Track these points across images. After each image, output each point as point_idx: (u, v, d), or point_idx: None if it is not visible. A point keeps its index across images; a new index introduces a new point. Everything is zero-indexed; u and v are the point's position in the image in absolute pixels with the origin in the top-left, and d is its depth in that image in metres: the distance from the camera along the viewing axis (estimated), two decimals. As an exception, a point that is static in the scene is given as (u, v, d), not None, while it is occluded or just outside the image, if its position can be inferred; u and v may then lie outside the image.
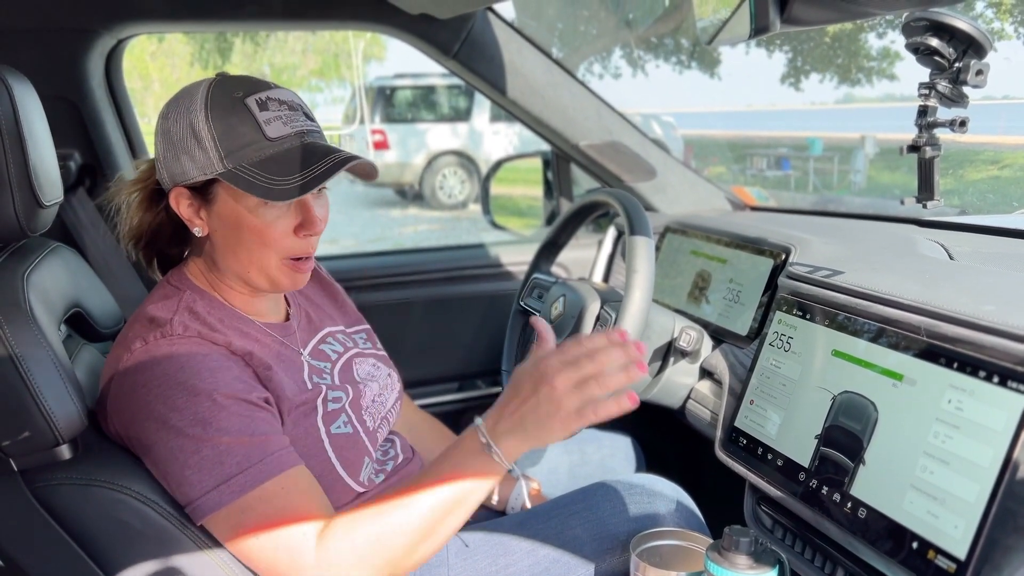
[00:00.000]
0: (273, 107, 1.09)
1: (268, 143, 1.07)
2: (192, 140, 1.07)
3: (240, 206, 1.09)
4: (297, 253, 1.13)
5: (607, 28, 11.81)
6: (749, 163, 11.08)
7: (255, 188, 1.05)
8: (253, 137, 1.07)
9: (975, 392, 0.92)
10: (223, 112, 1.07)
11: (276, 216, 1.10)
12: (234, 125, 1.07)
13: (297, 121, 1.10)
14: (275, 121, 1.08)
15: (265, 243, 1.11)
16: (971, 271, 1.22)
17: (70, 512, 1.04)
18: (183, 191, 1.11)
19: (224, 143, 1.06)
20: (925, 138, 1.04)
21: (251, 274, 1.14)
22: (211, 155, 1.07)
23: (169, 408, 1.02)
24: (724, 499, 1.40)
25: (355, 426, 1.20)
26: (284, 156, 1.07)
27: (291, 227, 1.12)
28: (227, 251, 1.13)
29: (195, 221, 1.13)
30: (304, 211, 1.12)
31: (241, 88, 1.09)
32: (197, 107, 1.07)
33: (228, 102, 1.07)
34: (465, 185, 11.02)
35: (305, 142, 1.10)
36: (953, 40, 0.98)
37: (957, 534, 0.88)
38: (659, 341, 1.47)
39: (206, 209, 1.12)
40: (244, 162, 1.06)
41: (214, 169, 1.07)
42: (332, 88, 18.41)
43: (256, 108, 1.08)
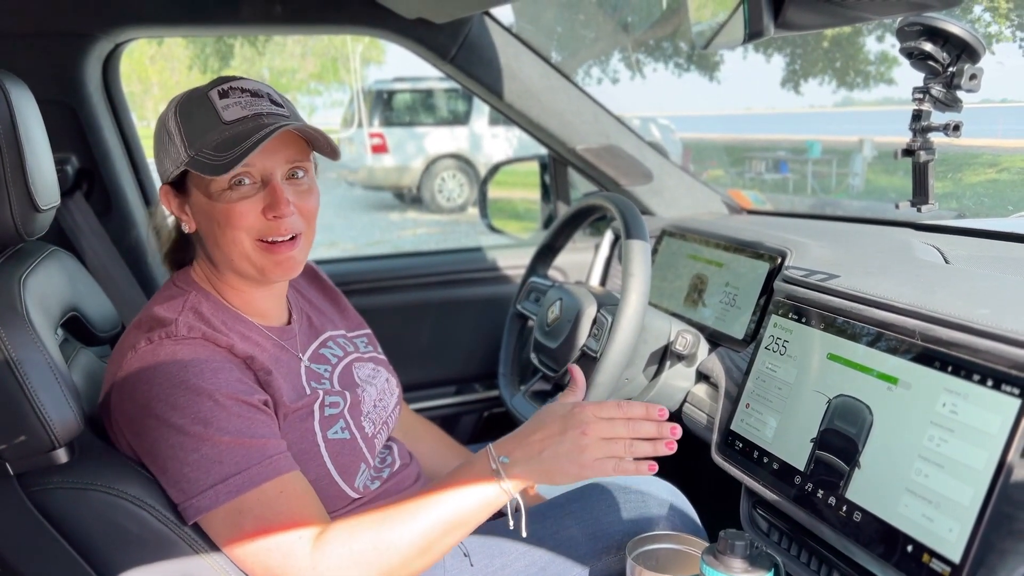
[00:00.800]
0: (234, 95, 1.13)
1: (224, 126, 1.10)
2: (166, 137, 1.13)
3: (208, 193, 1.12)
4: (267, 234, 1.13)
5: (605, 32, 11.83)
6: (747, 166, 11.09)
7: (204, 168, 1.08)
8: (211, 123, 1.10)
9: (969, 395, 0.92)
10: (188, 107, 1.12)
11: (241, 197, 1.11)
12: (195, 115, 1.11)
13: (258, 106, 1.13)
14: (234, 106, 1.11)
15: (233, 225, 1.11)
16: (966, 275, 1.22)
17: (66, 516, 1.04)
18: (168, 189, 1.16)
19: (187, 133, 1.10)
20: (920, 142, 1.04)
21: (235, 261, 1.15)
22: (179, 147, 1.11)
23: (171, 406, 1.03)
24: (720, 502, 1.40)
25: (353, 432, 1.20)
26: (237, 136, 1.09)
27: (259, 209, 1.12)
28: (210, 242, 1.15)
29: (182, 217, 1.17)
30: (271, 193, 1.12)
31: (212, 85, 1.14)
32: (171, 108, 1.13)
33: (194, 96, 1.13)
34: (464, 188, 11.02)
35: (263, 123, 1.10)
36: (947, 45, 0.98)
37: (952, 537, 0.88)
38: (655, 344, 1.47)
39: (187, 203, 1.16)
40: (205, 147, 1.09)
41: (181, 159, 1.11)
42: (331, 91, 18.44)
43: (216, 97, 1.12)
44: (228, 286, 1.19)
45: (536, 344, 1.61)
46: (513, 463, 1.04)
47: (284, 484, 1.05)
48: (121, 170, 1.84)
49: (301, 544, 1.02)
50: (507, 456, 1.04)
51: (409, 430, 1.55)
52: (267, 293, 1.23)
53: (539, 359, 1.60)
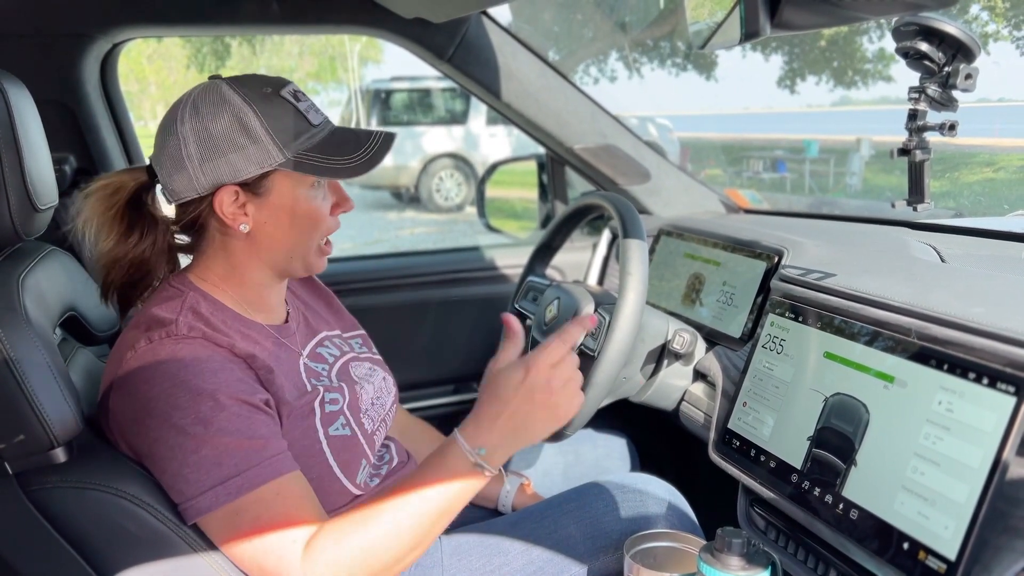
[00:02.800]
0: (303, 98, 1.16)
1: (315, 129, 1.15)
2: (244, 138, 1.09)
3: (298, 192, 1.15)
4: (333, 231, 1.23)
5: (603, 31, 11.84)
6: (745, 165, 11.10)
7: (324, 171, 1.12)
8: (302, 126, 1.13)
9: (965, 394, 0.92)
10: (267, 106, 1.11)
11: (321, 199, 1.18)
12: (281, 117, 1.11)
13: (320, 110, 1.19)
14: (311, 110, 1.16)
15: (316, 224, 1.18)
16: (962, 273, 1.22)
17: (65, 515, 1.04)
18: (229, 189, 1.11)
19: (279, 134, 1.10)
20: (915, 142, 1.05)
21: (291, 259, 1.19)
22: (269, 148, 1.10)
23: (171, 406, 1.02)
24: (717, 500, 1.40)
25: (353, 428, 1.20)
26: (330, 140, 1.15)
27: (328, 208, 1.20)
28: (274, 240, 1.16)
29: (239, 218, 1.13)
30: (338, 191, 1.22)
31: (266, 84, 1.14)
32: (238, 104, 1.09)
33: (264, 97, 1.11)
34: (461, 188, 11.03)
35: (336, 127, 1.19)
36: (943, 45, 0.99)
37: (947, 535, 0.89)
38: (653, 343, 1.47)
39: (253, 203, 1.13)
40: (301, 149, 1.12)
41: (274, 160, 1.10)
42: (329, 91, 18.43)
43: (293, 99, 1.14)
44: (246, 282, 1.19)
45: (534, 343, 1.62)
46: (491, 450, 1.03)
47: (282, 486, 1.05)
48: (119, 168, 1.84)
49: (294, 548, 1.02)
50: (483, 447, 1.03)
51: (405, 431, 1.55)
52: (279, 289, 1.26)
53: (537, 358, 1.60)
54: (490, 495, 1.53)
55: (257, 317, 1.20)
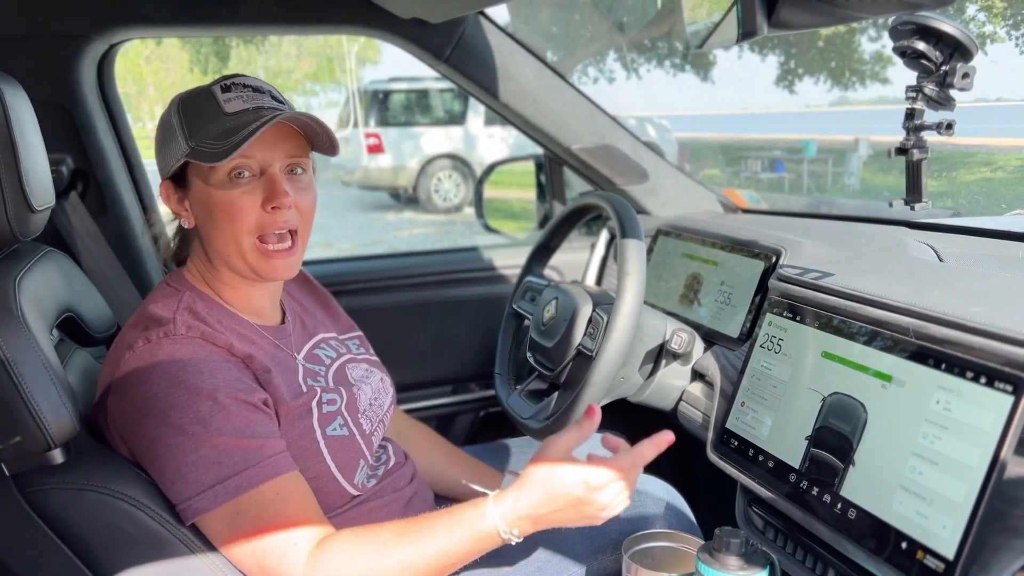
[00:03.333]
0: (236, 90, 1.14)
1: (226, 117, 1.11)
2: (169, 132, 1.14)
3: (209, 185, 1.13)
4: (267, 228, 1.13)
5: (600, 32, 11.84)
6: (744, 165, 11.10)
7: (203, 156, 1.08)
8: (213, 115, 1.12)
9: (963, 393, 0.92)
10: (192, 103, 1.14)
11: (242, 191, 1.12)
12: (198, 109, 1.12)
13: (259, 100, 1.14)
14: (235, 100, 1.13)
15: (233, 218, 1.12)
16: (960, 273, 1.22)
17: (62, 517, 1.04)
18: (168, 184, 1.17)
19: (189, 125, 1.12)
20: (913, 141, 1.05)
21: (232, 258, 1.15)
22: (179, 139, 1.12)
23: (170, 405, 1.03)
24: (716, 500, 1.40)
25: (351, 429, 1.20)
26: (238, 127, 1.09)
27: (258, 202, 1.13)
28: (208, 236, 1.16)
29: (181, 213, 1.18)
30: (269, 184, 1.12)
31: (216, 82, 1.16)
32: (174, 104, 1.15)
33: (199, 92, 1.15)
34: (460, 188, 11.02)
35: (263, 116, 1.10)
36: (940, 44, 0.99)
37: (945, 534, 0.89)
38: (651, 343, 1.47)
39: (187, 198, 1.16)
40: (205, 138, 1.10)
41: (182, 151, 1.11)
42: (327, 92, 18.44)
43: (219, 92, 1.14)
44: (224, 283, 1.19)
45: (532, 343, 1.62)
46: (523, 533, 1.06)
47: (281, 485, 1.05)
48: (116, 171, 1.84)
49: (297, 551, 1.02)
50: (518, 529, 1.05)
51: (403, 432, 1.55)
52: (263, 291, 1.23)
53: (535, 358, 1.60)
54: None
55: (252, 317, 1.20)
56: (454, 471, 1.54)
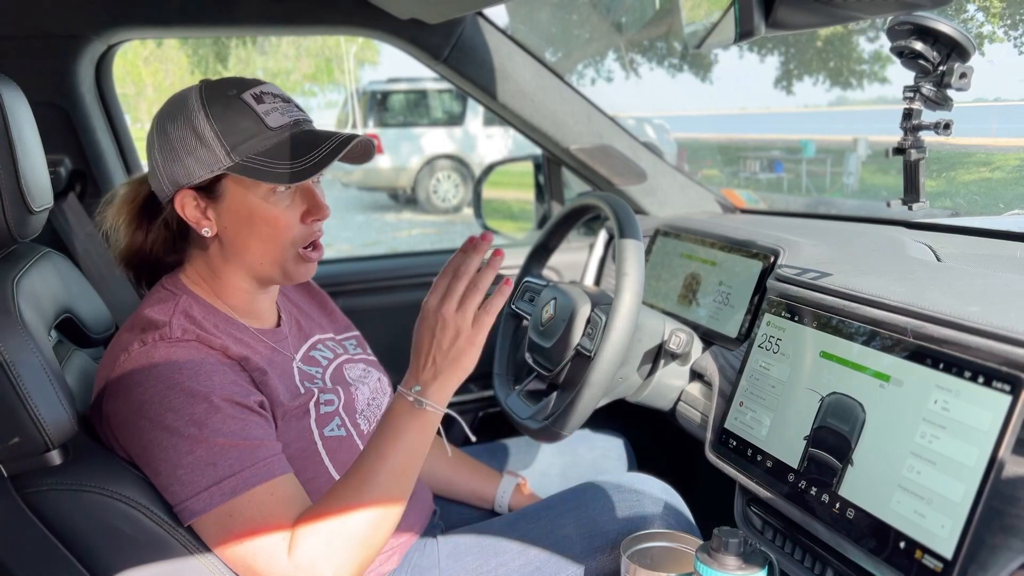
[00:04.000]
0: (268, 100, 1.12)
1: (271, 132, 1.10)
2: (195, 140, 1.09)
3: (251, 198, 1.12)
4: (308, 239, 1.17)
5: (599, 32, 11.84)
6: (742, 166, 11.11)
7: (266, 175, 1.08)
8: (256, 129, 1.10)
9: (961, 392, 0.93)
10: (222, 109, 1.10)
11: (285, 205, 1.13)
12: (235, 120, 1.09)
13: (292, 111, 1.14)
14: (273, 112, 1.12)
15: (278, 232, 1.13)
16: (958, 272, 1.23)
17: (60, 518, 1.04)
18: (189, 193, 1.13)
19: (228, 138, 1.09)
20: (910, 141, 1.05)
21: (264, 266, 1.16)
22: (217, 151, 1.09)
23: (165, 408, 1.02)
24: (714, 500, 1.40)
25: (349, 429, 1.21)
26: (287, 143, 1.10)
27: (299, 215, 1.15)
28: (239, 246, 1.15)
29: (202, 222, 1.14)
30: (309, 197, 1.15)
31: (233, 87, 1.12)
32: (195, 109, 1.10)
33: (224, 99, 1.10)
34: (459, 189, 11.02)
35: (304, 129, 1.14)
36: (937, 44, 0.99)
37: (944, 533, 0.89)
38: (649, 343, 1.47)
39: (213, 208, 1.13)
40: (250, 153, 1.09)
41: (221, 164, 1.09)
42: (326, 92, 18.43)
43: (253, 102, 1.11)
44: (228, 287, 1.19)
45: (531, 344, 1.62)
46: (425, 386, 1.06)
47: (275, 487, 1.04)
48: (114, 171, 1.84)
49: (283, 547, 1.02)
50: (417, 384, 1.06)
51: None
52: (267, 295, 1.24)
53: (534, 359, 1.61)
54: (486, 495, 1.53)
55: (248, 322, 1.20)
56: (453, 471, 1.54)
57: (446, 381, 1.06)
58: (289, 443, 1.12)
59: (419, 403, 1.05)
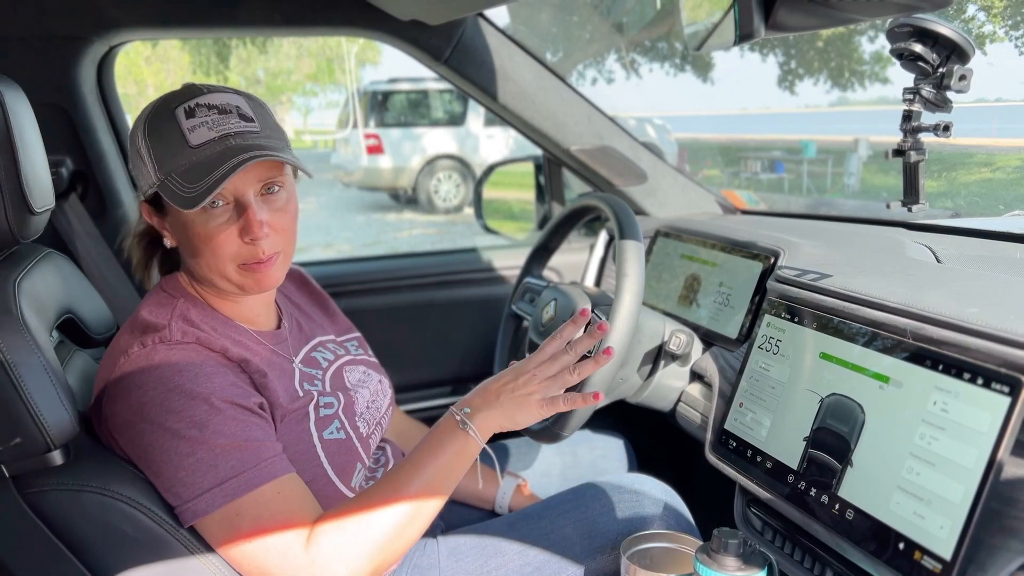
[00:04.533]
0: (200, 113, 1.08)
1: (191, 151, 1.07)
2: (137, 155, 1.11)
3: (183, 217, 1.10)
4: (246, 259, 1.11)
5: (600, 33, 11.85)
6: (743, 166, 11.11)
7: (175, 198, 1.06)
8: (178, 146, 1.07)
9: (960, 394, 0.93)
10: (156, 124, 1.09)
11: (217, 223, 1.09)
12: (164, 136, 1.08)
13: (226, 124, 1.08)
14: (200, 127, 1.07)
15: (214, 250, 1.10)
16: (958, 274, 1.23)
17: (62, 518, 1.04)
18: (146, 205, 1.16)
19: (156, 154, 1.08)
20: (910, 142, 1.05)
21: (216, 280, 1.14)
22: (149, 168, 1.09)
23: (166, 410, 1.03)
24: (714, 501, 1.41)
25: (348, 432, 1.21)
26: (205, 162, 1.06)
27: (235, 233, 1.10)
28: (190, 259, 1.15)
29: (164, 232, 1.17)
30: (244, 218, 1.09)
31: (177, 99, 1.10)
32: (141, 123, 1.11)
33: (163, 113, 1.09)
34: (459, 189, 11.02)
35: (230, 144, 1.07)
36: (937, 46, 0.99)
37: (943, 534, 0.89)
38: (649, 344, 1.47)
39: (165, 220, 1.15)
40: (174, 172, 1.07)
41: (152, 182, 1.09)
42: (327, 92, 18.45)
43: (183, 117, 1.08)
44: (213, 295, 1.19)
45: (531, 345, 1.62)
46: (475, 411, 1.10)
47: (280, 486, 1.05)
48: (116, 172, 1.84)
49: (297, 542, 1.02)
50: (468, 407, 1.11)
51: (403, 433, 1.55)
52: (255, 300, 1.23)
53: (534, 359, 1.61)
54: (487, 496, 1.54)
55: (247, 324, 1.20)
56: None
57: (495, 416, 1.10)
58: (288, 445, 1.12)
59: (464, 424, 1.09)
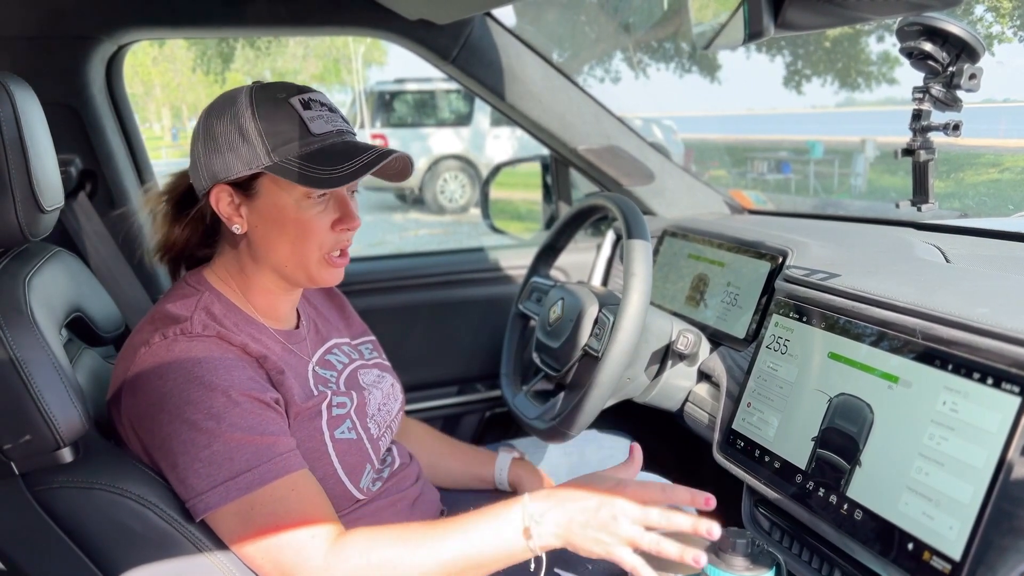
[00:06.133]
0: (315, 107, 1.14)
1: (313, 138, 1.11)
2: (238, 137, 1.11)
3: (284, 199, 1.12)
4: (335, 247, 1.17)
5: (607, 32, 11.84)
6: (750, 166, 11.10)
7: (302, 179, 1.09)
8: (299, 132, 1.11)
9: (969, 394, 0.92)
10: (269, 110, 1.11)
11: (318, 211, 1.14)
12: (279, 122, 1.11)
13: (337, 121, 1.16)
14: (318, 119, 1.13)
15: (307, 237, 1.14)
16: (967, 274, 1.22)
17: (71, 515, 1.05)
18: (225, 188, 1.13)
19: (271, 138, 1.10)
20: (920, 142, 1.05)
21: (289, 268, 1.17)
22: (258, 150, 1.10)
23: (185, 401, 1.03)
24: (722, 501, 1.40)
25: (359, 432, 1.21)
26: (329, 150, 1.11)
27: (330, 222, 1.15)
28: (267, 246, 1.16)
29: (234, 218, 1.15)
30: (342, 206, 1.16)
31: (284, 90, 1.14)
32: (242, 107, 1.11)
33: (273, 101, 1.12)
34: (466, 189, 11.03)
35: (345, 139, 1.15)
36: (946, 45, 0.99)
37: (952, 535, 0.89)
38: (657, 344, 1.47)
39: (247, 205, 1.14)
40: (290, 155, 1.10)
41: (261, 163, 1.10)
42: (333, 93, 18.47)
43: (300, 107, 1.12)
44: (254, 287, 1.20)
45: (538, 344, 1.62)
46: (544, 523, 1.01)
47: (295, 482, 1.05)
48: (124, 171, 1.84)
49: (315, 543, 1.02)
50: (541, 516, 1.01)
51: (402, 431, 1.56)
52: (290, 297, 1.25)
53: (541, 359, 1.61)
54: (486, 475, 1.54)
55: (268, 322, 1.21)
56: (453, 459, 1.56)
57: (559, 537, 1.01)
58: (300, 443, 1.12)
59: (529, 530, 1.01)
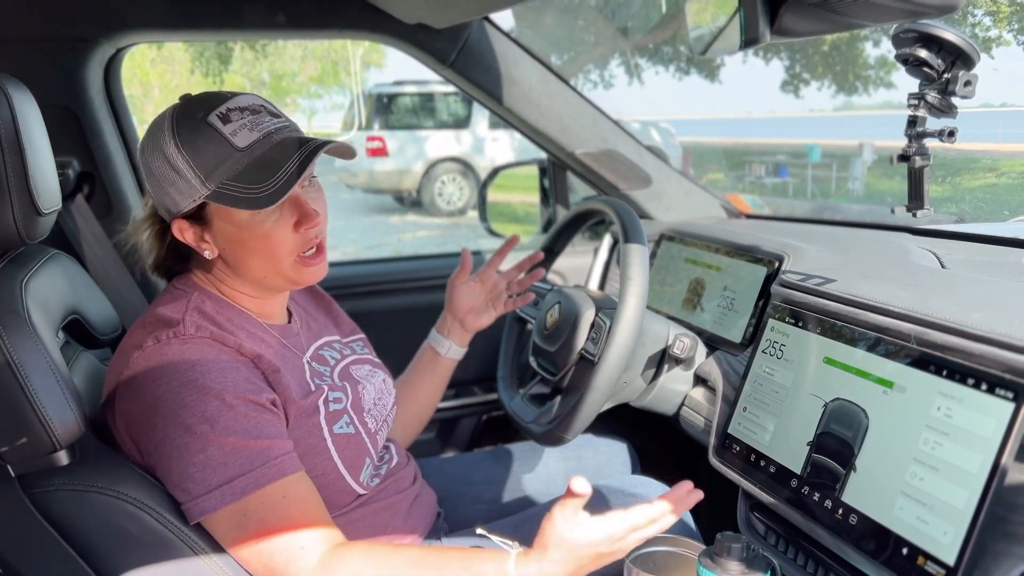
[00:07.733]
0: (235, 117, 1.10)
1: (240, 153, 1.08)
2: (171, 171, 1.09)
3: (238, 219, 1.11)
4: (305, 247, 1.15)
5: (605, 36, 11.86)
6: (747, 170, 11.12)
7: (240, 202, 1.06)
8: (225, 152, 1.08)
9: (964, 399, 0.93)
10: (190, 135, 1.08)
11: (274, 220, 1.12)
12: (203, 145, 1.07)
13: (262, 123, 1.11)
14: (241, 130, 1.09)
15: (273, 248, 1.13)
16: (962, 279, 1.23)
17: (67, 518, 1.05)
18: (182, 221, 1.13)
19: (200, 167, 1.07)
20: (915, 148, 1.05)
21: (268, 279, 1.16)
22: (192, 182, 1.08)
23: (179, 405, 1.03)
24: (717, 505, 1.40)
25: (357, 427, 1.22)
26: (258, 162, 1.08)
27: (290, 226, 1.13)
28: (240, 265, 1.15)
29: (202, 245, 1.15)
30: (297, 207, 1.13)
31: (202, 108, 1.10)
32: (166, 138, 1.09)
33: (193, 124, 1.08)
34: (464, 192, 11.03)
35: (275, 141, 1.10)
36: (942, 52, 0.99)
37: (947, 540, 0.89)
38: (653, 348, 1.47)
39: (208, 231, 1.14)
40: (224, 178, 1.07)
41: (199, 193, 1.08)
42: (331, 95, 18.47)
43: (219, 123, 1.08)
44: (238, 292, 1.20)
45: (535, 348, 1.62)
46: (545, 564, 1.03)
47: (288, 487, 1.05)
48: (122, 173, 1.84)
49: (306, 553, 1.03)
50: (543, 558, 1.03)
51: (405, 434, 1.56)
52: (279, 298, 1.25)
53: (538, 362, 1.61)
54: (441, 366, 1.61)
55: (261, 318, 1.22)
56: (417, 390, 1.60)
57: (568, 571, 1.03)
58: (299, 439, 1.13)
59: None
